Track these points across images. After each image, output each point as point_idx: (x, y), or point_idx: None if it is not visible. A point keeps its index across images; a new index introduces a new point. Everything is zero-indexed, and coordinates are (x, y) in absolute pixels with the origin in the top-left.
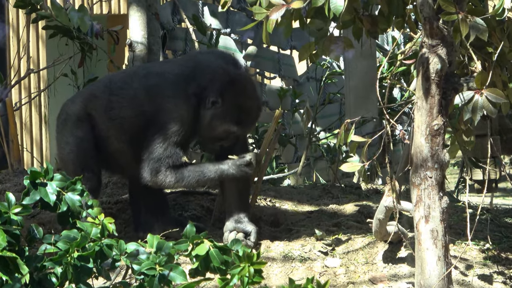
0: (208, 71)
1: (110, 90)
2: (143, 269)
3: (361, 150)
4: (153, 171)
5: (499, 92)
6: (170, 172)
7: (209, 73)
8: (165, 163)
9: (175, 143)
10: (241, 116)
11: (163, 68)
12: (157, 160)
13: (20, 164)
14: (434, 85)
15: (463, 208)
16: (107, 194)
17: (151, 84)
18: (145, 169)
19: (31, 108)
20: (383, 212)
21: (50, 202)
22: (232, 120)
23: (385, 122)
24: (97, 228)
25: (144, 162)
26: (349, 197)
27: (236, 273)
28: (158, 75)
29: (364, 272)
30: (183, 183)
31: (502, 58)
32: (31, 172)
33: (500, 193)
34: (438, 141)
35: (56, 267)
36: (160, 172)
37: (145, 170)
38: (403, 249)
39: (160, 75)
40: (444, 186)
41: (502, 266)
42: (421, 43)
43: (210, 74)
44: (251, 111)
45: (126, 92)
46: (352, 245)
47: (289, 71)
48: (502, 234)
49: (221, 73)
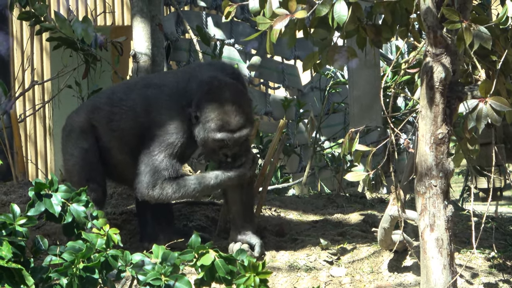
0: (196, 84)
1: (112, 101)
2: (149, 279)
3: (365, 159)
4: (149, 184)
5: (504, 100)
6: (167, 184)
7: (196, 85)
8: (161, 176)
9: (171, 155)
10: (223, 122)
11: (162, 80)
12: (153, 173)
13: (25, 176)
14: (438, 93)
15: (468, 217)
16: (112, 205)
17: (147, 95)
18: (141, 183)
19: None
20: (388, 221)
21: (55, 213)
22: (215, 129)
23: (389, 131)
24: (102, 239)
25: (139, 176)
26: (354, 206)
27: (242, 283)
28: (156, 87)
29: (370, 281)
30: (180, 195)
31: (506, 67)
32: (36, 183)
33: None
34: (442, 149)
35: (62, 278)
36: (157, 185)
37: (141, 184)
38: (408, 258)
39: (157, 87)
40: (449, 194)
41: (507, 274)
42: (425, 52)
43: (196, 87)
44: (230, 114)
45: (125, 103)
46: (357, 254)
47: (293, 81)
48: (507, 242)
49: (203, 85)
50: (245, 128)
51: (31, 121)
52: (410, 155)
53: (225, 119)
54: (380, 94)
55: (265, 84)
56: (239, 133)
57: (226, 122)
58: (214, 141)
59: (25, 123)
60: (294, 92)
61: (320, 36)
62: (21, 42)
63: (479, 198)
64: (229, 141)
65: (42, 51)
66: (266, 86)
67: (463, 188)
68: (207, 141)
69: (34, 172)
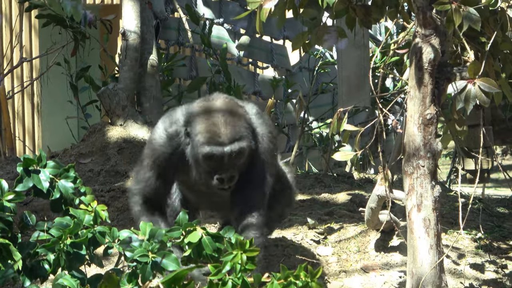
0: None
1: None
2: (136, 256)
3: (353, 139)
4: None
5: (492, 82)
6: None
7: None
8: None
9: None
10: (211, 134)
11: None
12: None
13: (13, 152)
14: (427, 74)
15: (455, 198)
16: (99, 182)
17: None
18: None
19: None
20: (376, 201)
21: (43, 189)
22: (204, 142)
23: (377, 111)
24: (90, 216)
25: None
26: (342, 186)
27: (229, 260)
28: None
29: (356, 260)
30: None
31: (494, 48)
32: (24, 159)
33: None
34: (430, 130)
35: (49, 254)
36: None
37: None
38: (395, 237)
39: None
40: (436, 175)
41: (494, 255)
42: (414, 33)
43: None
44: (220, 126)
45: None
46: (344, 234)
47: (282, 61)
48: (494, 223)
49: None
50: (238, 141)
51: (19, 98)
52: (398, 135)
53: (213, 131)
54: (369, 74)
55: (253, 64)
56: (230, 146)
57: (215, 134)
58: (203, 158)
59: (13, 100)
60: (282, 72)
61: (310, 16)
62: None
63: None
64: (218, 156)
65: (31, 28)
66: (254, 65)
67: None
68: (198, 160)
69: (21, 149)
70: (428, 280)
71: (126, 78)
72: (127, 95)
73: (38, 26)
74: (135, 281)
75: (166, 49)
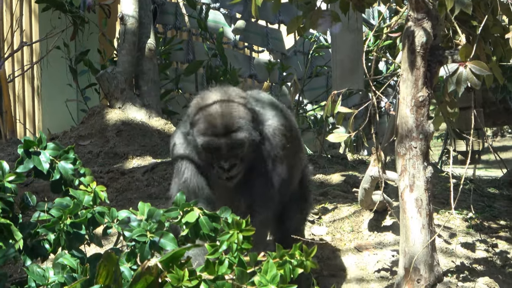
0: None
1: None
2: (134, 235)
3: (347, 121)
4: None
5: (483, 64)
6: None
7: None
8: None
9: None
10: (208, 125)
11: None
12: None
13: (14, 135)
14: (420, 57)
15: (446, 178)
16: (98, 163)
17: None
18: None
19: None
20: (369, 182)
21: (44, 171)
22: (201, 132)
23: (371, 94)
24: (89, 196)
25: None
26: (336, 167)
27: (225, 240)
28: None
29: (350, 240)
30: None
31: (485, 32)
32: (25, 141)
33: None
34: (423, 112)
35: (49, 233)
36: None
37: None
38: (388, 217)
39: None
40: (428, 156)
41: (484, 235)
42: (407, 16)
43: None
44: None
45: None
46: (338, 214)
47: (277, 45)
48: (484, 203)
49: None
50: (235, 133)
51: (20, 82)
52: (391, 117)
53: (210, 121)
54: (362, 58)
55: (249, 48)
56: (226, 137)
57: (212, 125)
58: (202, 148)
59: (13, 83)
60: (277, 56)
61: (304, 0)
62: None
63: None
64: (215, 146)
65: (31, 13)
66: (250, 49)
67: (442, 151)
68: (198, 149)
69: (22, 131)
70: (420, 258)
71: (125, 61)
72: (125, 79)
73: (38, 10)
74: (134, 260)
75: (164, 33)
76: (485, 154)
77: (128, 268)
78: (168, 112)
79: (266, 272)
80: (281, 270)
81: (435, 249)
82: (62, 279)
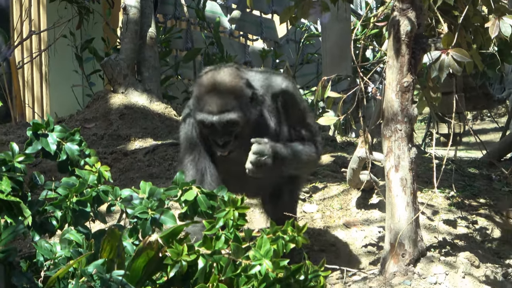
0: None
1: None
2: (136, 213)
3: (336, 105)
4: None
5: (464, 52)
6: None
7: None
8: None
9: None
10: (205, 102)
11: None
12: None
13: (23, 118)
14: (404, 45)
15: (430, 159)
16: (103, 145)
17: None
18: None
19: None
20: (357, 162)
21: (51, 152)
22: (198, 108)
23: (358, 80)
24: (94, 176)
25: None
26: (325, 149)
27: (222, 217)
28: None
29: (339, 217)
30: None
31: (466, 21)
32: (34, 123)
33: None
34: (407, 96)
35: (56, 211)
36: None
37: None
38: (374, 196)
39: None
40: (412, 138)
41: (465, 212)
42: (393, 7)
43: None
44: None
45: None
46: (328, 193)
47: (270, 33)
48: (465, 182)
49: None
50: (228, 112)
51: (29, 68)
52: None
53: (206, 99)
54: (350, 46)
55: (244, 36)
56: (218, 116)
57: (207, 102)
58: (198, 123)
59: (23, 70)
60: (271, 44)
61: None
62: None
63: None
64: (208, 123)
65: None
66: (245, 38)
67: (425, 134)
68: (197, 124)
69: (31, 115)
70: (405, 234)
71: (127, 49)
72: (128, 65)
73: (45, 1)
74: (136, 236)
75: (164, 23)
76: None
77: (131, 243)
78: (168, 97)
79: (260, 247)
80: (274, 245)
81: (419, 225)
82: (69, 254)
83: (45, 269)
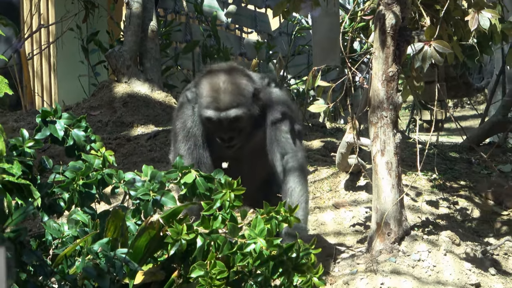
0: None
1: None
2: (139, 194)
3: (326, 94)
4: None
5: (445, 43)
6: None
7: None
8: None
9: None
10: (212, 99)
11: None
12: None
13: (32, 106)
14: (389, 37)
15: (413, 144)
16: (107, 131)
17: None
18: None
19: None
20: (345, 147)
21: (59, 137)
22: (205, 105)
23: (347, 70)
24: (99, 160)
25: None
26: (316, 135)
27: (219, 198)
28: None
29: (329, 198)
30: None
31: (448, 15)
32: (43, 111)
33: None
34: (392, 85)
35: (64, 193)
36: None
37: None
38: (362, 178)
39: None
40: (397, 124)
41: (447, 193)
42: (379, 1)
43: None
44: (220, 92)
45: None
46: (318, 175)
47: (264, 26)
48: (447, 166)
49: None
50: (235, 108)
51: (38, 59)
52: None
53: (214, 96)
54: (339, 38)
55: (240, 29)
56: (225, 112)
57: (215, 99)
58: (204, 119)
59: (32, 61)
60: (265, 36)
61: None
62: None
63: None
64: (215, 119)
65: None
66: (241, 30)
67: (409, 120)
68: (202, 120)
69: (40, 103)
70: (390, 214)
71: (130, 41)
72: (130, 56)
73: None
74: (138, 216)
75: (164, 17)
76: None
77: (134, 223)
78: (168, 86)
79: (255, 226)
80: (268, 225)
81: (403, 206)
82: (75, 233)
83: (53, 248)
